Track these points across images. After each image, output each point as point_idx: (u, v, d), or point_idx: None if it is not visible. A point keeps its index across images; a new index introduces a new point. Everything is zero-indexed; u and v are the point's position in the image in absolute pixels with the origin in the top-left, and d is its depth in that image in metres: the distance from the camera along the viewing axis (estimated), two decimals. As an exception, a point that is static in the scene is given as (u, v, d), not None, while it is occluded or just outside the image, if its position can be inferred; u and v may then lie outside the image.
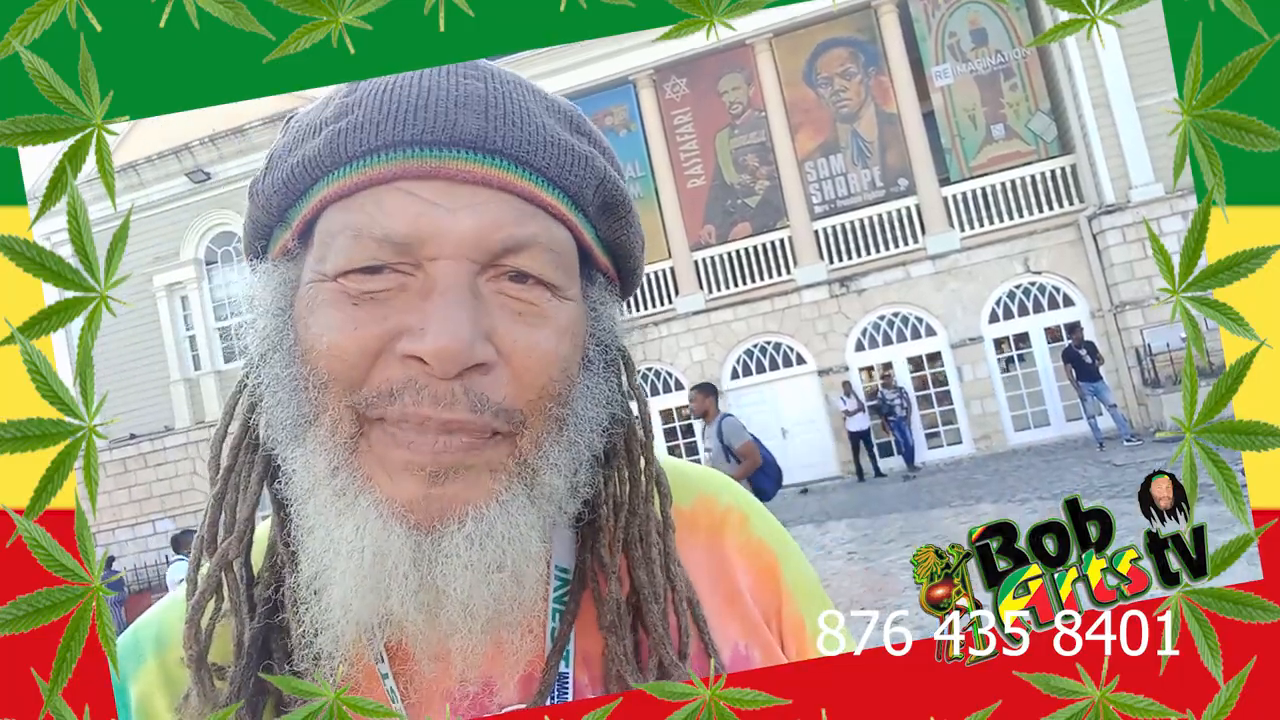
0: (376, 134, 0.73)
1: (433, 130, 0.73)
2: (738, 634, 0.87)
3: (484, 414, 0.71)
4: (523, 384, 0.73)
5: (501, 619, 0.75)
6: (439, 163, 0.73)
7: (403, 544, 0.71)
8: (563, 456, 0.77)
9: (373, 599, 0.72)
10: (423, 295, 0.72)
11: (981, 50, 19.31)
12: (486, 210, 0.73)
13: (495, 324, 0.73)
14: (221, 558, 0.79)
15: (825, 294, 19.86)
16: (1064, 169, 18.77)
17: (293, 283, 0.78)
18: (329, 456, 0.73)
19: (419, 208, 0.72)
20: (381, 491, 0.72)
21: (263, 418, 0.79)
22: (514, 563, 0.73)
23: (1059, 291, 18.72)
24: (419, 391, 0.70)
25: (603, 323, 0.84)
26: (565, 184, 0.78)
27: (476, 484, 0.73)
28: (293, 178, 0.78)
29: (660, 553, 0.85)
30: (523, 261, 0.74)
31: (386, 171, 0.73)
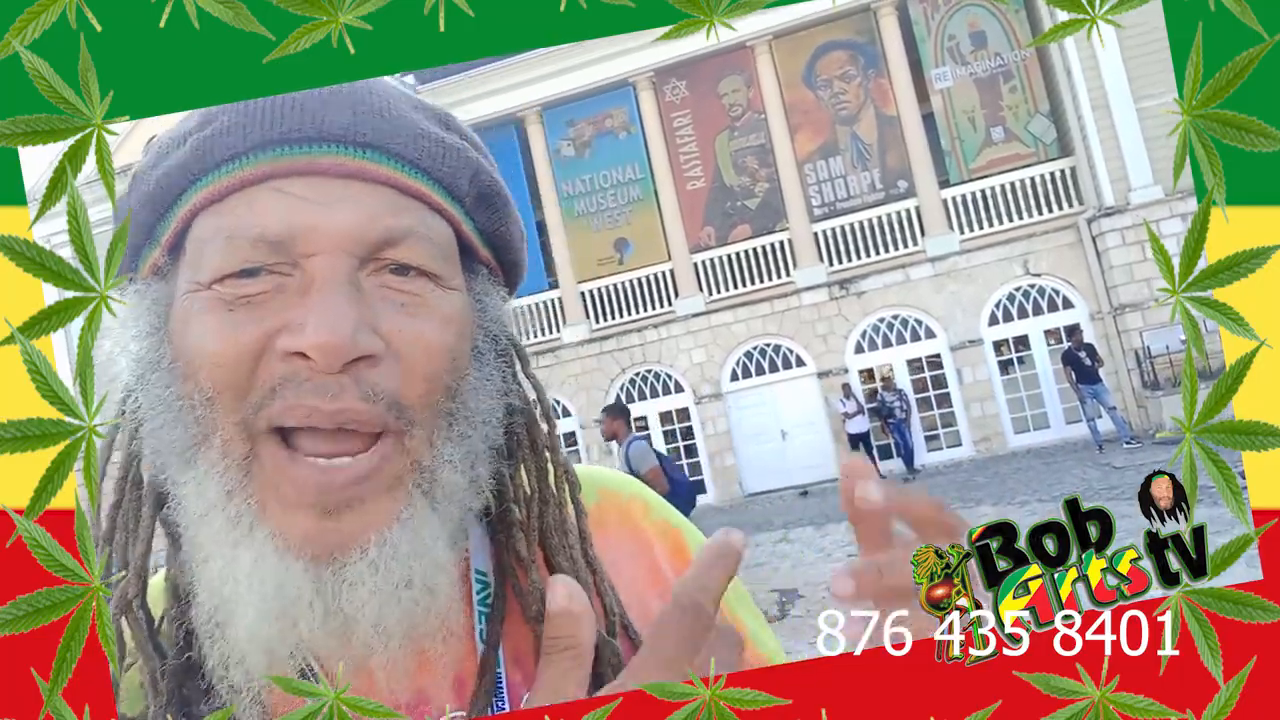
0: (244, 136, 0.73)
1: (300, 127, 0.73)
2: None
3: (377, 404, 0.70)
4: (413, 376, 0.72)
5: (418, 631, 0.74)
6: (309, 158, 0.73)
7: (302, 576, 0.70)
8: (457, 451, 0.76)
9: (280, 626, 0.70)
10: (301, 292, 0.71)
11: (981, 53, 19.33)
12: (361, 203, 0.73)
13: (379, 317, 0.72)
14: (120, 600, 0.76)
15: (825, 296, 19.87)
16: (1063, 171, 18.79)
17: (165, 300, 0.77)
18: (221, 480, 0.71)
19: (292, 204, 0.72)
20: (275, 524, 0.70)
21: (146, 445, 0.77)
22: (423, 577, 0.72)
23: (1058, 294, 18.73)
24: (300, 385, 0.69)
25: (489, 313, 0.84)
26: (438, 175, 0.78)
27: (375, 510, 0.71)
28: (159, 191, 0.77)
29: (578, 538, 0.85)
30: (401, 253, 0.74)
31: (257, 172, 0.72)
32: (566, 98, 21.22)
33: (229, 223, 0.72)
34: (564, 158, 21.60)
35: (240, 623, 0.70)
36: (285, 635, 0.70)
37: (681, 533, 0.97)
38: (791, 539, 12.66)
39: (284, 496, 0.70)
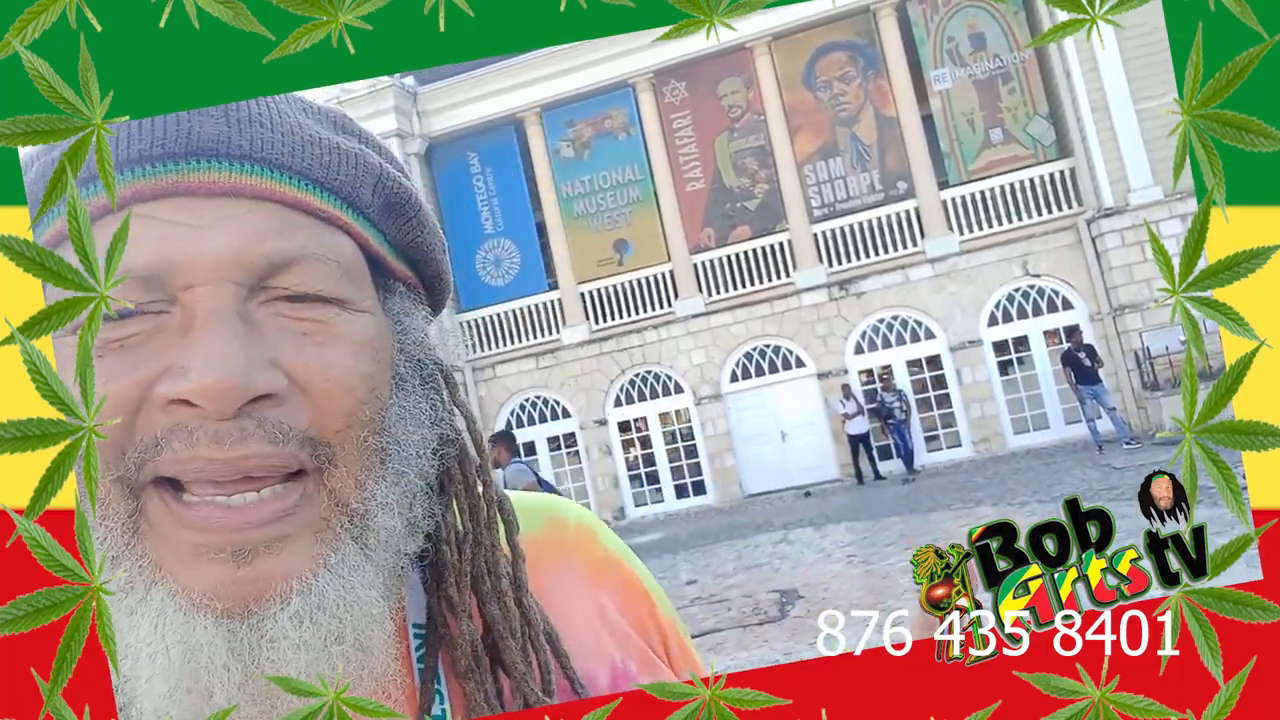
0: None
1: (164, 141, 0.65)
2: (612, 648, 0.83)
3: (286, 445, 0.62)
4: (325, 411, 0.64)
5: (353, 692, 0.66)
6: (177, 176, 0.64)
7: (214, 635, 0.61)
8: (391, 492, 0.68)
9: (191, 700, 0.62)
10: (182, 331, 0.62)
11: (980, 54, 19.34)
12: (243, 223, 0.64)
13: (278, 349, 0.64)
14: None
15: (824, 297, 19.87)
16: (1062, 172, 18.80)
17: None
18: (104, 545, 0.64)
19: (160, 231, 0.63)
20: (176, 581, 0.62)
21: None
22: (355, 630, 0.65)
23: (1058, 295, 18.74)
24: (191, 433, 0.61)
25: (411, 336, 0.76)
26: (334, 186, 0.70)
27: (296, 552, 0.64)
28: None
29: (511, 584, 0.77)
30: (295, 278, 0.65)
31: (118, 196, 0.63)
32: (566, 98, 21.23)
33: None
34: (563, 159, 21.61)
35: (146, 701, 0.63)
36: (199, 710, 0.62)
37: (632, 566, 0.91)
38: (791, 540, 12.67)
39: (183, 548, 0.62)
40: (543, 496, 0.94)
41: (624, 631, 0.86)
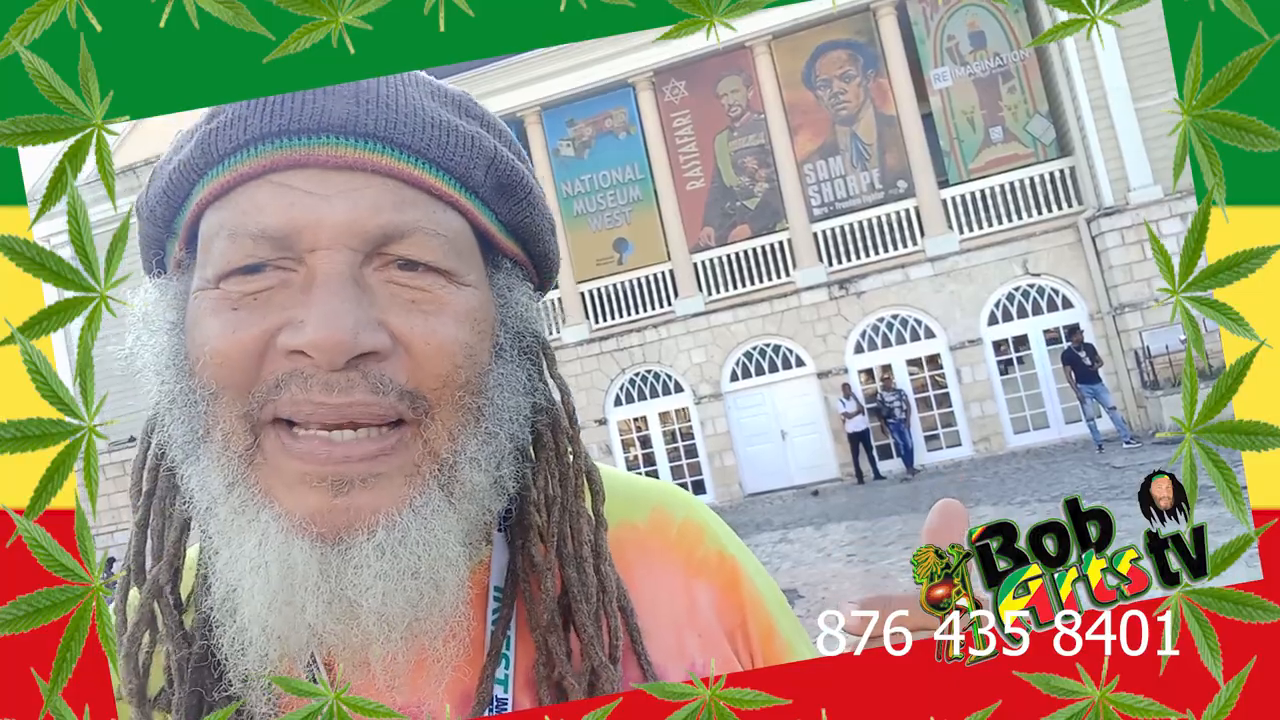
0: (244, 129, 0.72)
1: (299, 119, 0.71)
2: (695, 649, 0.85)
3: (387, 395, 0.69)
4: (425, 371, 0.71)
5: (421, 627, 0.72)
6: (308, 150, 0.71)
7: (308, 556, 0.68)
8: (482, 450, 0.74)
9: (288, 613, 0.69)
10: (304, 289, 0.70)
11: (980, 53, 19.33)
12: (362, 196, 0.71)
13: (388, 313, 0.70)
14: (153, 585, 0.76)
15: (824, 296, 19.87)
16: (1062, 171, 18.79)
17: (184, 295, 0.76)
18: (224, 472, 0.70)
19: (292, 198, 0.70)
20: (281, 505, 0.69)
21: (162, 438, 0.77)
22: (430, 569, 0.71)
23: (1058, 294, 18.73)
24: (306, 380, 0.68)
25: (513, 309, 0.81)
26: (449, 166, 0.75)
27: (387, 491, 0.70)
28: (171, 185, 0.76)
29: (591, 550, 0.82)
30: (406, 249, 0.71)
31: (256, 165, 0.71)
32: (566, 98, 21.23)
33: (231, 218, 0.71)
34: (563, 158, 21.60)
35: (248, 609, 0.70)
36: (293, 621, 0.70)
37: (738, 563, 0.91)
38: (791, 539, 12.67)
39: (290, 476, 0.69)
40: (657, 484, 0.96)
41: (714, 634, 0.86)
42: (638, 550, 0.88)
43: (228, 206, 0.72)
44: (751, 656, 0.88)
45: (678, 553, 0.90)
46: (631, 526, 0.89)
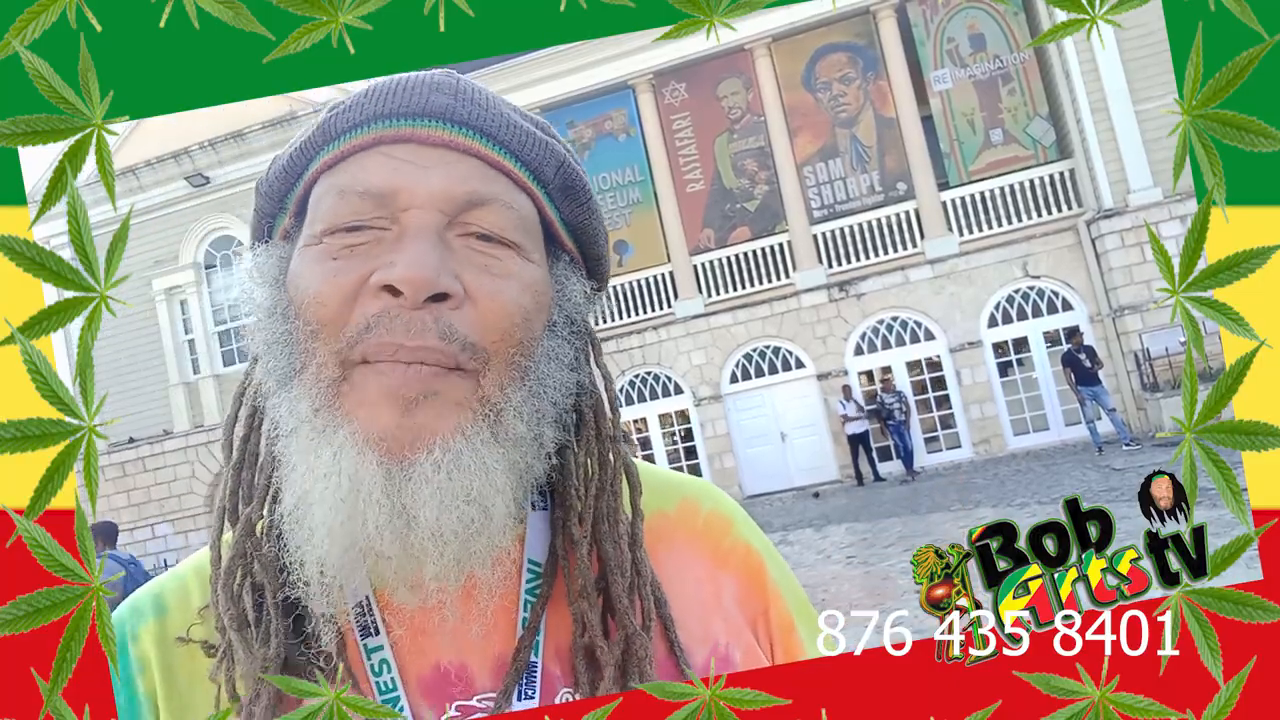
0: (360, 112, 0.83)
1: (407, 105, 0.82)
2: (720, 632, 0.89)
3: (451, 343, 0.77)
4: (486, 324, 0.80)
5: (470, 548, 0.79)
6: (412, 129, 0.82)
7: (375, 471, 0.76)
8: (525, 404, 0.82)
9: (351, 523, 0.77)
10: (395, 241, 0.80)
11: (980, 55, 19.34)
12: (454, 168, 0.82)
13: (462, 269, 0.80)
14: (247, 524, 0.85)
15: (824, 298, 19.87)
16: (1062, 174, 18.80)
17: (287, 257, 0.86)
18: (312, 399, 0.79)
19: (395, 165, 0.81)
20: (359, 424, 0.77)
21: (259, 378, 0.87)
22: (480, 494, 0.78)
23: (1058, 296, 18.74)
24: (392, 320, 0.77)
25: (568, 297, 0.90)
26: (526, 158, 0.86)
27: (443, 415, 0.78)
28: (291, 163, 0.87)
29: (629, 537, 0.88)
30: (485, 217, 0.82)
31: (368, 139, 0.82)
32: (566, 100, 21.23)
33: (342, 180, 0.82)
34: (563, 160, 21.55)
35: (316, 514, 0.78)
36: (354, 531, 0.77)
37: (762, 558, 0.97)
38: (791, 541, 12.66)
39: (373, 395, 0.77)
40: (685, 477, 1.03)
41: (738, 622, 0.92)
42: (666, 538, 0.94)
43: (339, 172, 0.83)
44: (772, 648, 0.92)
45: (705, 542, 0.95)
46: (661, 515, 0.95)
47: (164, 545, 22.79)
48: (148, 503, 23.05)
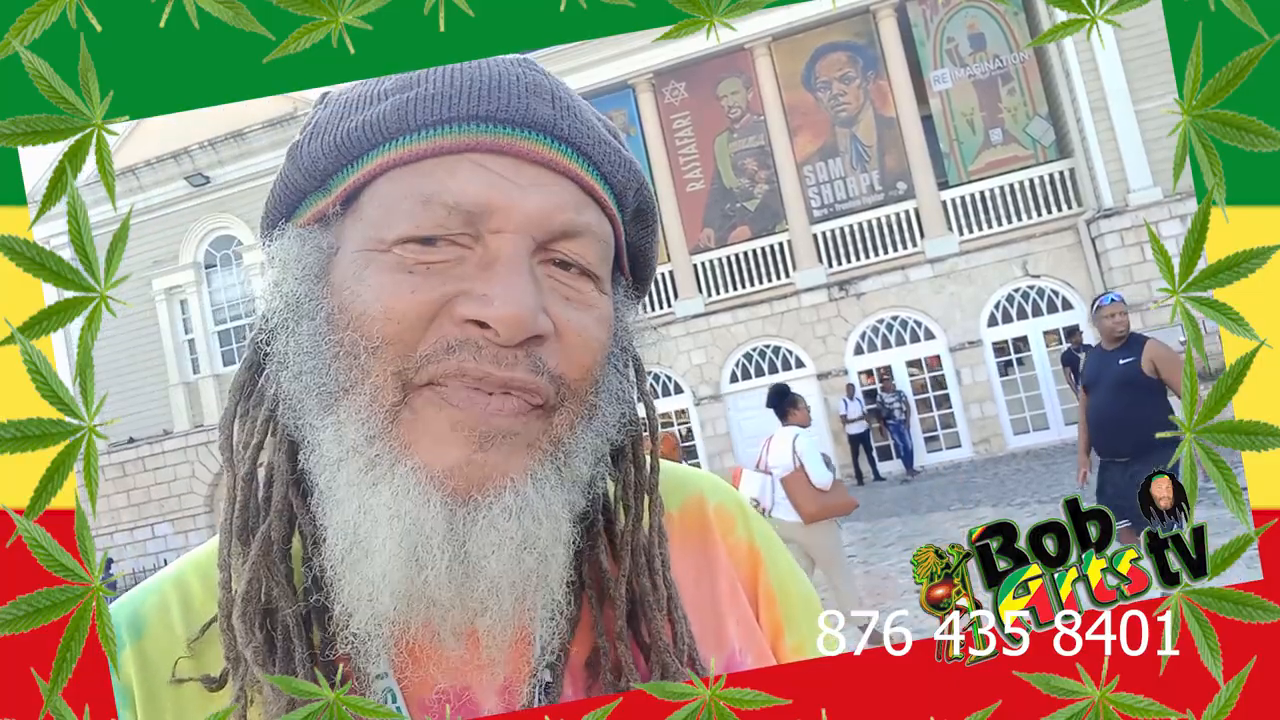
0: (449, 106, 0.75)
1: (506, 110, 0.75)
2: (734, 637, 0.87)
3: (541, 376, 0.72)
4: (573, 361, 0.74)
5: (526, 603, 0.75)
6: (511, 140, 0.75)
7: (438, 514, 0.70)
8: (591, 443, 0.78)
9: (409, 571, 0.71)
10: (483, 266, 0.72)
11: (980, 55, 19.34)
12: (552, 192, 0.75)
13: (549, 303, 0.74)
14: (264, 540, 0.77)
15: (824, 297, 19.87)
16: (1062, 173, 18.80)
17: (329, 250, 0.77)
18: (365, 425, 0.72)
19: (490, 179, 0.73)
20: (421, 458, 0.71)
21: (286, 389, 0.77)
22: (545, 543, 0.73)
23: (1058, 295, 18.74)
24: (479, 350, 0.71)
25: (623, 323, 0.85)
26: (614, 182, 0.81)
27: (515, 456, 0.72)
28: (348, 141, 0.77)
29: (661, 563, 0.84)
30: (574, 248, 0.76)
31: (458, 142, 0.74)
32: (566, 99, 21.21)
33: (426, 185, 0.73)
34: (563, 159, 21.56)
35: (375, 561, 0.71)
36: (412, 579, 0.71)
37: (762, 557, 0.93)
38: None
39: (441, 426, 0.71)
40: (690, 473, 0.98)
41: (750, 622, 0.89)
42: (674, 539, 0.89)
43: (420, 174, 0.74)
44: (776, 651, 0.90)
45: (710, 538, 0.92)
46: (668, 516, 0.91)
47: (164, 545, 22.79)
48: (148, 503, 23.06)
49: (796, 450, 6.78)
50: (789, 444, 6.84)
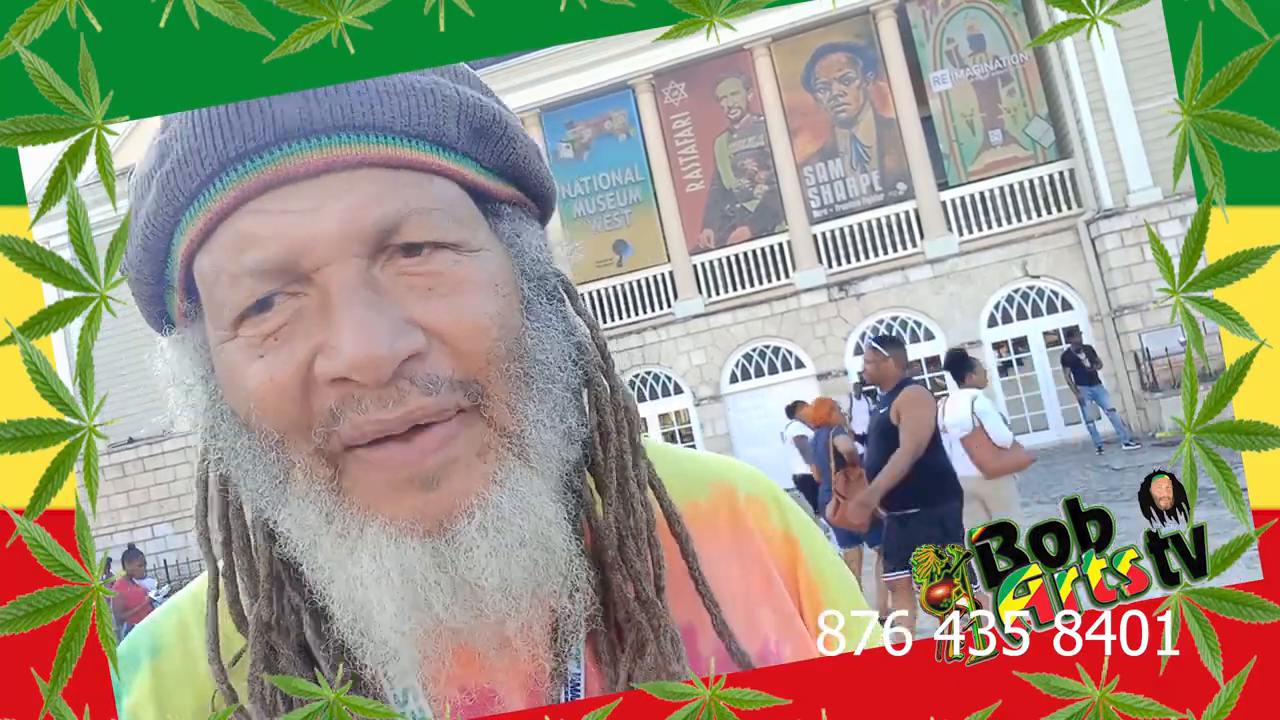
0: (201, 163, 0.69)
1: (252, 134, 0.68)
2: (770, 627, 0.84)
3: (439, 393, 0.67)
4: (466, 354, 0.69)
5: (543, 590, 0.73)
6: (274, 166, 0.67)
7: (420, 553, 0.68)
8: (542, 409, 0.73)
9: (417, 615, 0.70)
10: (322, 310, 0.67)
11: (979, 56, 19.35)
12: (347, 196, 0.67)
13: (411, 309, 0.67)
14: (260, 623, 0.75)
15: (824, 298, 19.88)
16: (1062, 174, 18.81)
17: (203, 346, 0.74)
18: (317, 506, 0.70)
19: (276, 222, 0.67)
20: (383, 514, 0.69)
21: (240, 489, 0.76)
22: (535, 534, 0.71)
23: (1057, 295, 18.74)
24: (358, 402, 0.66)
25: (528, 255, 0.77)
26: (419, 131, 0.71)
27: (470, 474, 0.69)
28: (150, 238, 0.73)
29: (635, 482, 0.80)
30: (408, 234, 0.68)
31: (228, 200, 0.68)
32: (566, 100, 21.22)
33: (222, 260, 0.68)
34: (563, 159, 21.59)
35: (382, 621, 0.70)
36: (425, 620, 0.70)
37: (799, 545, 0.89)
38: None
39: (382, 487, 0.68)
40: (718, 460, 0.94)
41: (787, 610, 0.86)
42: (702, 528, 0.85)
43: (215, 248, 0.69)
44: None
45: (742, 530, 0.88)
46: (693, 505, 0.86)
47: (164, 545, 22.78)
48: (148, 503, 23.05)
49: (976, 411, 6.99)
50: (967, 405, 7.07)
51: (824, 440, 8.44)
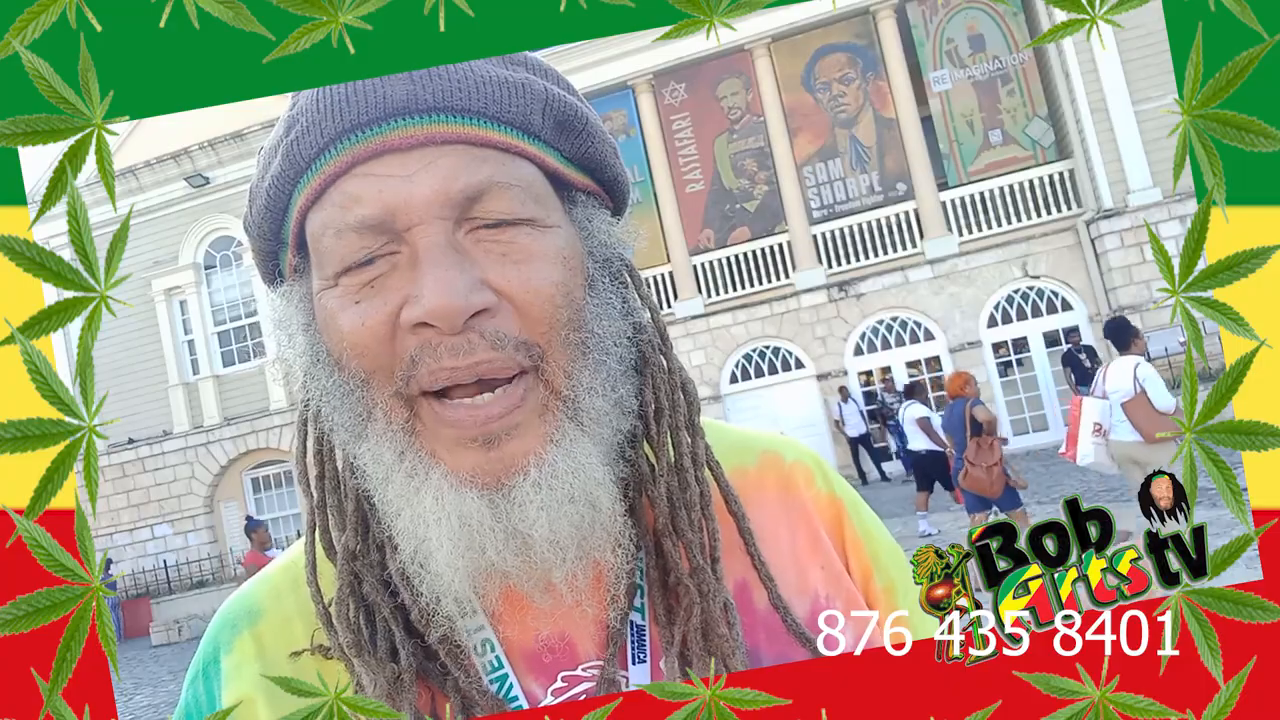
0: (320, 133, 0.77)
1: (366, 110, 0.76)
2: (819, 583, 0.89)
3: (505, 349, 0.75)
4: (530, 318, 0.76)
5: (588, 544, 0.79)
6: (381, 138, 0.76)
7: (478, 504, 0.76)
8: (595, 378, 0.80)
9: (471, 556, 0.77)
10: (411, 266, 0.75)
11: (979, 56, 19.35)
12: (439, 167, 0.76)
13: (486, 271, 0.76)
14: (347, 551, 0.84)
15: (824, 298, 19.88)
16: (1062, 174, 18.81)
17: (308, 297, 0.83)
18: (392, 445, 0.78)
19: (379, 184, 0.75)
20: (447, 464, 0.77)
21: (328, 425, 0.84)
22: (584, 492, 0.77)
23: (1057, 296, 18.74)
24: (435, 349, 0.74)
25: (596, 238, 0.86)
26: (508, 118, 0.79)
27: (529, 436, 0.77)
28: (271, 200, 0.82)
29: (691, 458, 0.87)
30: (489, 205, 0.76)
31: (341, 163, 0.76)
32: (565, 100, 21.20)
33: (331, 217, 0.77)
34: (563, 160, 21.55)
35: (440, 558, 0.78)
36: (478, 561, 0.77)
37: (844, 505, 0.96)
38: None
39: (447, 440, 0.77)
40: (762, 433, 1.01)
41: (836, 569, 0.91)
42: (751, 493, 0.92)
43: (326, 206, 0.77)
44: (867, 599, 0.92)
45: (790, 493, 0.94)
46: (742, 472, 0.93)
47: (163, 545, 22.80)
48: (147, 503, 23.06)
49: (1138, 377, 7.19)
50: (1130, 371, 7.26)
51: (960, 411, 8.90)
